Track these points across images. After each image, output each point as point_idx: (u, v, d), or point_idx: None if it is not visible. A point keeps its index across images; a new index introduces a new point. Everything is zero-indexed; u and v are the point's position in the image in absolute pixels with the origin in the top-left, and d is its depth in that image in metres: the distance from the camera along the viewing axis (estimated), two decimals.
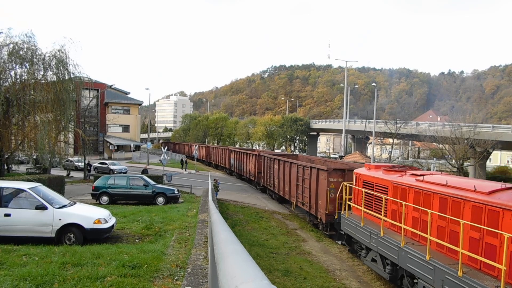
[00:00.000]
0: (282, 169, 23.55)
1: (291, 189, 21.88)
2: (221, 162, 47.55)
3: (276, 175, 25.09)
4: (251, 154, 32.72)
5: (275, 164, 25.26)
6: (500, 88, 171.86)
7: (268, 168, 27.17)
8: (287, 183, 22.56)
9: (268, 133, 74.77)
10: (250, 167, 32.92)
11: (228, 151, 43.70)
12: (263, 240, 15.58)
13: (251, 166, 32.53)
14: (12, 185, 11.84)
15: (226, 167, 44.80)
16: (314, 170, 18.14)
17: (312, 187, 18.23)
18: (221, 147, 52.37)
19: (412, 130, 48.41)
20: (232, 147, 48.45)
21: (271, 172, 26.37)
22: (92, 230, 10.86)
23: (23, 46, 21.78)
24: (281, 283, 10.60)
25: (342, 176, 16.65)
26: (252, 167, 32.32)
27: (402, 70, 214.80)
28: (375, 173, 13.27)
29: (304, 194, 19.52)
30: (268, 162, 27.38)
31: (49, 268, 7.34)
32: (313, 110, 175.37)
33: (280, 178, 24.07)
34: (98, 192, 20.81)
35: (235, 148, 43.61)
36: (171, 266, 8.04)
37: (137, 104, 70.39)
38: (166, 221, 14.43)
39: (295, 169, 21.23)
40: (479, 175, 40.08)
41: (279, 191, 24.64)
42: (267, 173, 27.45)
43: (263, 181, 29.20)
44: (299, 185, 20.39)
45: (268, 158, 27.28)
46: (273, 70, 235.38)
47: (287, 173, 22.54)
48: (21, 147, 23.59)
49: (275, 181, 25.47)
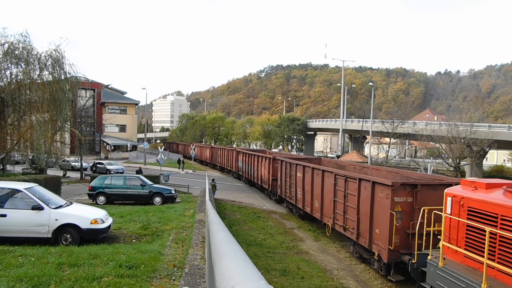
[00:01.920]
0: (310, 179, 18.04)
1: (324, 206, 16.41)
2: (228, 165, 42.69)
3: (299, 185, 19.58)
4: (264, 157, 27.85)
5: (298, 171, 19.89)
6: (496, 88, 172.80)
7: (287, 176, 21.85)
8: (317, 197, 17.11)
9: (265, 133, 74.81)
10: (263, 172, 27.87)
11: (235, 153, 38.77)
12: (260, 240, 15.57)
13: (264, 171, 27.48)
14: (8, 185, 11.78)
15: (233, 171, 40.03)
16: (367, 183, 12.70)
17: (362, 207, 12.93)
18: (227, 147, 47.27)
19: (409, 129, 48.58)
20: (239, 148, 43.41)
21: (291, 181, 21.06)
22: (89, 231, 10.82)
23: (19, 45, 21.67)
24: (279, 282, 10.59)
25: (413, 194, 11.33)
26: (265, 172, 27.28)
27: (399, 69, 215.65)
28: (493, 197, 8.25)
29: (347, 215, 14.03)
30: (286, 168, 22.10)
31: (46, 269, 7.29)
32: (310, 109, 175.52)
33: (306, 190, 18.58)
34: (95, 192, 20.75)
35: (244, 150, 37.96)
36: (169, 266, 8.01)
37: (134, 104, 70.26)
38: (163, 221, 14.40)
39: (330, 180, 15.60)
40: (476, 174, 40.25)
41: (304, 206, 18.98)
42: (286, 181, 22.09)
43: (279, 191, 23.62)
44: (338, 202, 14.87)
45: (287, 163, 22.01)
46: (270, 70, 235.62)
47: (318, 184, 17.05)
48: (17, 147, 23.49)
49: (297, 192, 20.00)
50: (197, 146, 61.01)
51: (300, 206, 19.67)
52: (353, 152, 59.31)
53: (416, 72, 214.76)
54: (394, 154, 56.87)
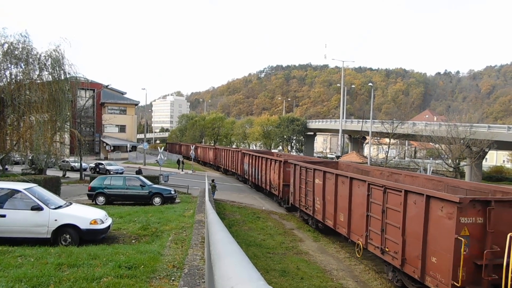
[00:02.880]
0: (332, 187, 15.15)
1: (353, 220, 13.57)
2: (232, 167, 40.01)
3: (318, 193, 16.83)
4: (273, 160, 25.19)
5: (317, 177, 17.02)
6: (496, 88, 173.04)
7: (302, 182, 19.13)
8: (343, 210, 14.28)
9: (265, 133, 74.84)
10: (272, 177, 25.16)
11: (240, 155, 35.97)
12: (260, 240, 15.56)
13: (273, 176, 24.79)
14: (7, 185, 11.77)
15: (239, 174, 37.30)
16: (417, 197, 9.85)
17: (410, 227, 10.14)
18: (232, 149, 44.17)
19: (409, 130, 48.61)
20: (245, 149, 40.66)
21: (307, 189, 18.27)
22: (88, 231, 10.80)
23: (18, 46, 21.70)
24: (278, 283, 10.58)
25: (484, 213, 8.71)
26: (274, 177, 24.59)
27: (398, 70, 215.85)
28: None
29: (386, 235, 11.20)
30: (301, 173, 19.33)
31: (45, 269, 7.29)
32: (310, 110, 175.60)
33: (328, 200, 15.80)
34: (94, 193, 20.73)
35: (250, 151, 35.18)
36: (168, 266, 8.00)
37: (133, 104, 70.24)
38: (162, 222, 14.39)
39: (362, 190, 12.73)
40: (475, 175, 40.29)
41: (324, 218, 16.04)
42: (301, 188, 19.31)
43: (292, 198, 20.93)
44: (373, 218, 12.02)
45: (302, 168, 19.29)
46: (269, 70, 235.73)
47: (344, 193, 14.20)
48: (16, 148, 23.51)
49: (316, 202, 17.14)
50: (200, 147, 59.91)
51: (319, 218, 16.71)
52: (352, 153, 59.29)
53: (415, 72, 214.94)
54: (394, 155, 56.90)
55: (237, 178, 38.70)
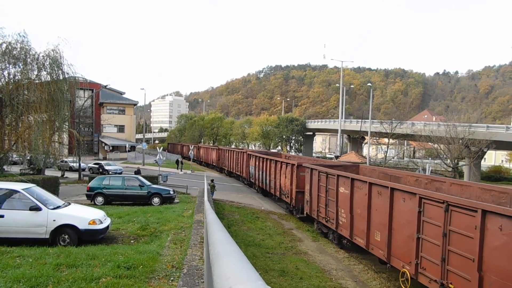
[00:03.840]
0: (364, 198, 12.31)
1: (395, 242, 10.72)
2: (237, 169, 37.17)
3: (344, 205, 13.98)
4: (284, 164, 22.27)
5: (342, 185, 14.15)
6: (495, 88, 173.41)
7: (321, 189, 16.32)
8: (380, 228, 11.40)
9: (264, 133, 74.85)
10: (283, 182, 22.30)
11: (246, 156, 33.34)
12: (259, 240, 15.55)
13: (284, 181, 21.99)
14: (6, 186, 11.74)
15: (243, 177, 34.63)
16: (507, 222, 7.21)
17: (493, 260, 7.51)
18: (236, 149, 40.71)
19: (408, 130, 48.69)
20: (251, 151, 37.74)
21: (329, 198, 15.45)
22: (87, 231, 10.78)
23: (17, 45, 21.68)
24: (277, 283, 10.58)
25: None
26: (285, 182, 21.78)
27: (397, 70, 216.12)
28: None
29: (450, 266, 8.53)
30: (320, 179, 16.42)
31: (43, 270, 7.27)
32: (308, 110, 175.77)
33: (358, 214, 12.91)
34: (93, 193, 20.69)
35: (257, 153, 31.72)
36: (167, 266, 8.00)
37: (132, 104, 70.20)
38: (161, 222, 14.37)
39: (410, 205, 10.00)
40: (474, 175, 40.35)
41: (353, 235, 13.27)
42: (320, 197, 16.50)
43: (308, 208, 18.01)
44: (427, 242, 9.33)
45: (321, 173, 16.30)
46: (268, 70, 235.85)
47: (381, 207, 11.31)
48: (14, 148, 23.47)
49: (341, 215, 14.25)
50: (202, 147, 58.86)
51: (344, 234, 14.00)
52: (351, 153, 59.31)
53: (414, 72, 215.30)
54: (393, 155, 56.99)
55: (242, 181, 36.15)
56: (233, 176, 40.14)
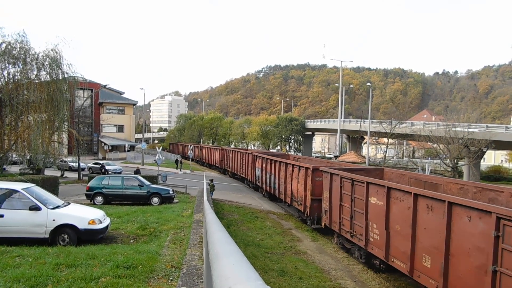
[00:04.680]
0: (406, 213, 10.00)
1: (454, 272, 8.36)
2: (241, 171, 34.91)
3: (376, 219, 11.61)
4: (297, 167, 19.97)
5: (374, 195, 11.74)
6: (494, 88, 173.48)
7: (345, 198, 13.95)
8: (433, 252, 8.98)
9: (263, 133, 74.82)
10: (295, 187, 20.00)
11: (251, 157, 31.04)
12: (258, 240, 15.55)
13: (297, 186, 19.66)
14: (5, 185, 11.73)
15: (249, 179, 32.42)
16: None
17: None
18: (241, 150, 38.13)
19: (407, 129, 48.71)
20: (257, 151, 35.21)
21: (355, 209, 13.13)
22: (87, 231, 10.79)
23: (16, 45, 21.66)
24: (277, 283, 10.58)
25: None
26: (298, 188, 19.47)
27: (396, 70, 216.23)
28: None
29: None
30: (343, 186, 14.12)
31: (43, 269, 7.27)
32: (308, 110, 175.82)
33: (397, 232, 10.55)
34: (93, 193, 20.68)
35: (264, 154, 29.35)
36: (166, 266, 8.00)
37: (131, 104, 70.15)
38: (161, 222, 14.37)
39: (478, 225, 7.74)
40: (474, 175, 40.38)
41: (389, 257, 10.82)
42: (342, 207, 14.19)
43: (327, 219, 15.57)
44: (509, 278, 6.93)
45: (346, 179, 13.94)
46: (268, 70, 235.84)
47: (432, 225, 9.06)
48: (14, 148, 23.45)
49: (372, 230, 11.85)
50: (204, 147, 57.98)
51: (377, 254, 11.49)
52: (351, 153, 59.38)
53: (414, 72, 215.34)
54: (392, 155, 57.01)
55: (247, 184, 34.00)
56: (237, 178, 38.06)
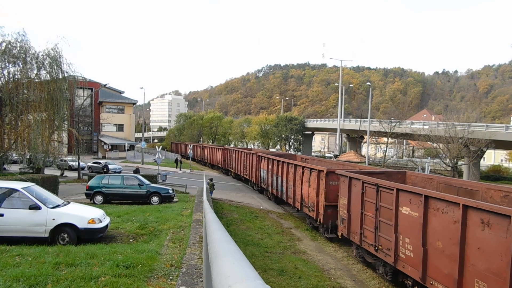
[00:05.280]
0: (452, 227, 8.26)
1: None
2: (245, 173, 33.45)
3: (409, 232, 9.94)
4: (308, 169, 18.02)
5: (406, 204, 10.03)
6: (494, 88, 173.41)
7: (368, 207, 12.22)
8: (489, 278, 7.25)
9: (263, 132, 74.78)
10: (305, 192, 18.23)
11: (256, 158, 29.38)
12: (258, 240, 15.56)
13: (307, 190, 17.93)
14: (5, 184, 11.73)
15: (253, 181, 30.95)
16: None
17: None
18: (245, 150, 36.35)
19: (407, 129, 48.66)
20: (262, 151, 33.27)
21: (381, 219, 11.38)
22: (86, 230, 10.80)
23: (16, 44, 21.65)
24: (276, 282, 10.59)
25: None
26: (309, 192, 17.70)
27: (396, 69, 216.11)
28: None
29: None
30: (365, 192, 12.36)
31: (43, 269, 7.28)
32: (308, 109, 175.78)
33: (437, 249, 8.81)
34: (92, 192, 20.68)
35: (269, 154, 28.13)
36: (166, 265, 8.01)
37: (131, 103, 70.14)
38: (160, 221, 14.38)
39: None
40: (473, 174, 40.40)
41: (427, 278, 9.14)
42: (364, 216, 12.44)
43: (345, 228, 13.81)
44: None
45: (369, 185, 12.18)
46: (268, 69, 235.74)
47: (491, 247, 7.24)
48: (14, 147, 23.43)
49: (403, 246, 10.16)
50: (206, 147, 56.63)
51: (411, 273, 9.75)
52: (350, 152, 59.32)
53: (413, 72, 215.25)
54: (392, 154, 57.01)
55: (251, 186, 32.56)
56: (241, 180, 36.51)
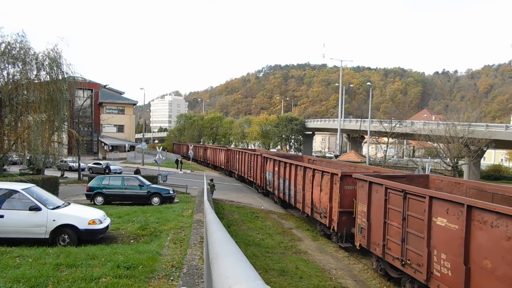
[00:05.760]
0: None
1: None
2: (249, 175, 31.87)
3: (448, 248, 8.35)
4: (320, 172, 16.52)
5: (443, 214, 8.51)
6: (494, 87, 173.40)
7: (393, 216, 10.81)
8: None
9: (263, 133, 74.82)
10: (316, 196, 16.75)
11: (261, 159, 27.85)
12: (258, 240, 15.56)
13: (319, 195, 16.42)
14: (5, 186, 11.73)
15: (258, 184, 29.30)
16: None
17: None
18: (249, 151, 34.43)
19: (407, 129, 48.68)
20: (267, 152, 31.61)
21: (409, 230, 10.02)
22: (87, 231, 10.78)
23: (16, 45, 21.68)
24: (277, 282, 10.58)
25: None
26: (321, 197, 16.21)
27: (396, 69, 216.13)
28: None
29: None
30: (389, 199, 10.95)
31: (43, 270, 7.27)
32: (308, 109, 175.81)
33: (486, 270, 7.22)
34: (93, 193, 20.68)
35: (275, 155, 26.36)
36: (167, 266, 8.00)
37: (131, 104, 70.18)
38: (161, 222, 14.37)
39: None
40: (474, 174, 40.39)
41: None
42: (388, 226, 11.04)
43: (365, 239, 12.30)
44: None
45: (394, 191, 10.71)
46: (268, 70, 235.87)
47: None
48: (14, 148, 23.45)
49: (438, 263, 8.60)
50: (209, 148, 55.80)
51: None
52: (351, 152, 59.36)
53: (414, 72, 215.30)
54: (392, 154, 57.01)
55: (255, 189, 31.05)
56: (245, 182, 35.05)
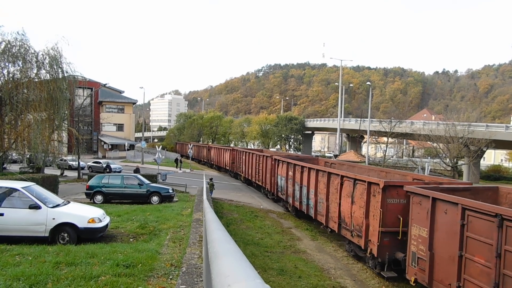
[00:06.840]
0: None
1: None
2: (257, 178, 28.87)
3: None
4: (351, 180, 13.45)
5: None
6: (494, 87, 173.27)
7: (474, 247, 7.98)
8: None
9: (263, 132, 74.81)
10: (347, 210, 13.68)
11: (270, 161, 25.00)
12: (257, 239, 15.57)
13: (351, 209, 13.31)
14: (5, 184, 11.72)
15: (267, 189, 26.31)
16: None
17: None
18: (257, 152, 30.96)
19: (407, 129, 48.69)
20: (278, 154, 28.63)
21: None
22: (86, 230, 10.80)
23: (16, 44, 21.64)
24: (276, 281, 10.60)
25: None
26: (354, 212, 13.09)
27: (396, 69, 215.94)
28: None
29: None
30: (472, 225, 8.05)
31: (43, 268, 7.28)
32: (308, 109, 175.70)
33: None
34: (92, 191, 20.69)
35: (287, 158, 23.43)
36: (166, 265, 8.02)
37: (131, 103, 70.14)
38: (160, 220, 14.39)
39: None
40: (473, 174, 40.42)
41: None
42: (467, 263, 8.13)
43: (427, 275, 9.36)
44: None
45: (477, 215, 7.89)
46: (268, 69, 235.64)
47: None
48: (14, 146, 23.42)
49: None
50: (213, 147, 53.22)
51: None
52: (350, 152, 59.35)
53: (413, 71, 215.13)
54: (392, 154, 57.01)
55: (264, 194, 28.07)
56: (253, 186, 32.04)
